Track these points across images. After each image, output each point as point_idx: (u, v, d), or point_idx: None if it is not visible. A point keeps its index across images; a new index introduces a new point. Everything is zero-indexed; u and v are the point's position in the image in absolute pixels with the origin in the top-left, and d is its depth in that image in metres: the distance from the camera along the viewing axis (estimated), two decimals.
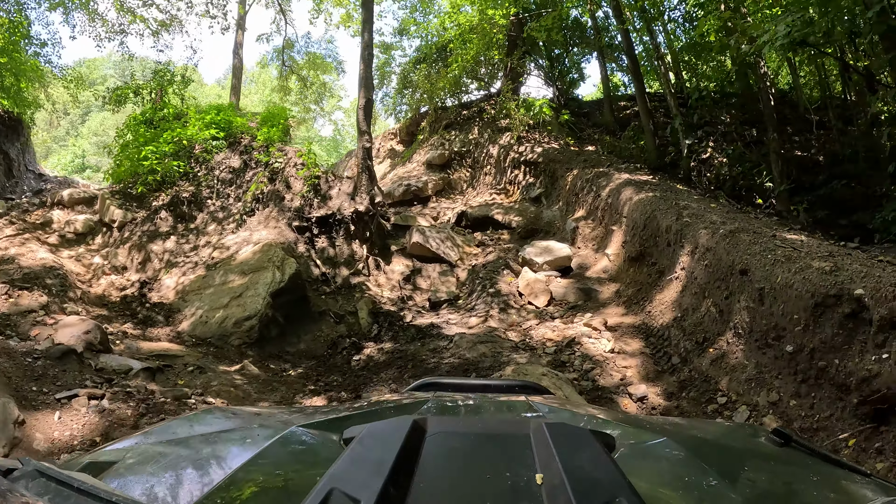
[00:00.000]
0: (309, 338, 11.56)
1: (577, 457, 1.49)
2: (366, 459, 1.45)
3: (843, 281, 6.44)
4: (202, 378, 8.62)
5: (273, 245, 12.69)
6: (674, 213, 11.06)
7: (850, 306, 6.23)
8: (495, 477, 1.46)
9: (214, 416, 2.43)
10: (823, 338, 6.47)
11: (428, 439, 1.66)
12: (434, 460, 1.53)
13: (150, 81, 20.19)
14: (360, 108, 16.16)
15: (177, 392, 7.60)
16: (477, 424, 2.18)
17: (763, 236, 8.84)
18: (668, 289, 10.40)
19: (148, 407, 6.86)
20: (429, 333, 10.92)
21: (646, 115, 18.55)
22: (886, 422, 5.58)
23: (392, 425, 1.73)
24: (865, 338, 5.98)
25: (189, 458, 1.80)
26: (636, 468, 1.64)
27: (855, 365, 5.96)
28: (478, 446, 1.71)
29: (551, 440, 1.58)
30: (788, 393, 6.77)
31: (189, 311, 11.59)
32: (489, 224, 17.65)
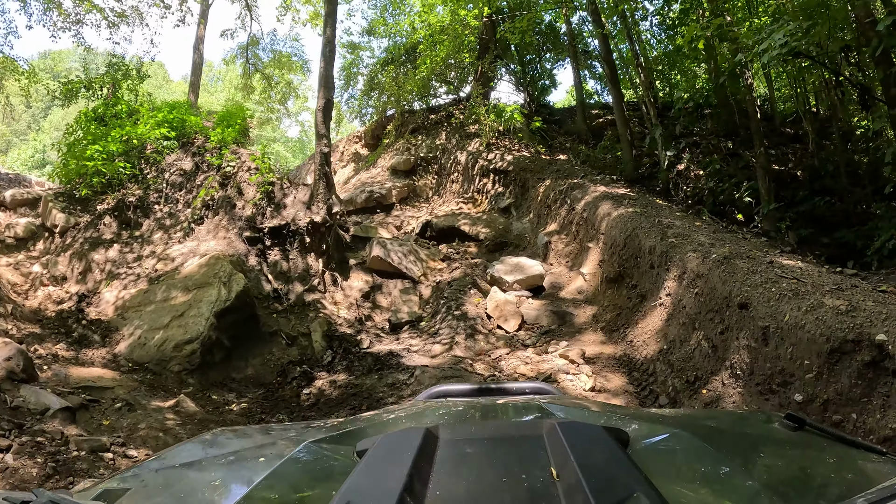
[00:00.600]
0: (258, 362, 10.62)
1: (592, 455, 1.50)
2: (380, 471, 1.46)
3: (862, 324, 5.62)
4: (130, 418, 7.74)
5: (221, 258, 11.77)
6: (658, 233, 10.27)
7: (870, 354, 5.41)
8: (511, 480, 1.45)
9: (227, 437, 2.43)
10: (839, 388, 5.65)
11: (441, 447, 1.66)
12: (449, 467, 1.54)
13: (104, 76, 19.21)
14: (318, 108, 14.96)
15: (93, 443, 6.64)
16: (489, 429, 2.19)
17: (760, 263, 8.04)
18: (652, 316, 9.56)
19: (57, 465, 5.95)
20: (387, 363, 9.98)
21: (623, 124, 17.99)
22: None
23: (405, 435, 1.76)
24: (888, 390, 5.22)
25: (204, 481, 1.80)
26: (652, 462, 1.64)
27: (876, 422, 5.21)
28: (491, 451, 1.70)
29: (565, 440, 1.59)
30: None
31: (127, 330, 10.65)
32: (455, 235, 16.95)
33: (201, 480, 1.80)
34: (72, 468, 5.90)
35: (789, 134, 20.55)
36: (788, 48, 9.87)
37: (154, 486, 1.74)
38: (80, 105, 20.81)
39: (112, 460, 6.39)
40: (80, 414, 7.52)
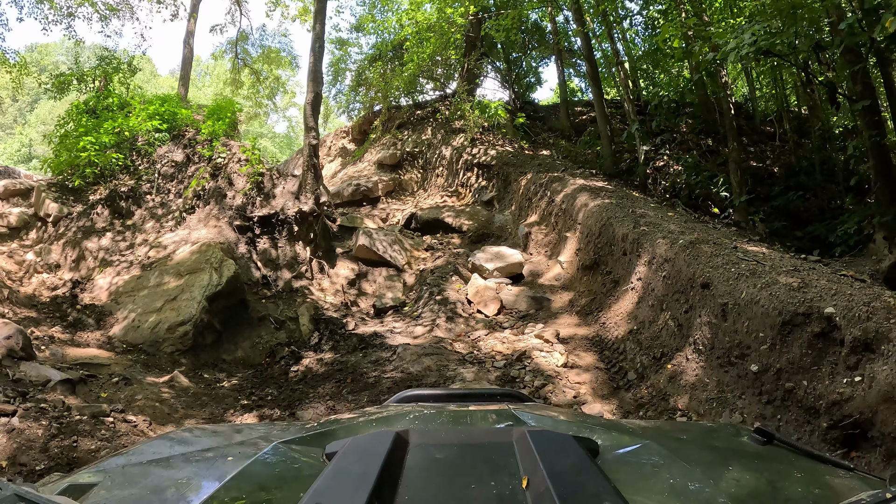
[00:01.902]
0: (247, 345, 11.02)
1: (561, 463, 1.50)
2: (349, 473, 1.46)
3: (813, 298, 6.18)
4: (127, 391, 8.08)
5: (212, 245, 12.15)
6: (630, 221, 10.77)
7: (819, 325, 5.95)
8: (480, 486, 1.45)
9: (195, 435, 2.44)
10: (791, 358, 6.18)
11: (411, 451, 1.67)
12: (418, 472, 1.54)
13: (95, 69, 19.31)
14: (307, 102, 15.41)
15: (94, 409, 6.99)
16: (459, 434, 2.13)
17: (724, 248, 8.57)
18: (624, 299, 10.07)
19: (61, 427, 6.29)
20: (371, 343, 10.42)
21: (603, 120, 18.37)
22: (857, 447, 5.36)
23: (374, 438, 1.77)
24: (836, 359, 5.72)
25: (171, 478, 1.80)
26: (621, 472, 1.65)
27: (825, 387, 5.71)
28: (461, 456, 1.70)
29: (535, 447, 1.59)
30: (752, 414, 6.44)
31: (121, 314, 10.99)
32: (439, 227, 17.38)
33: (168, 478, 1.81)
34: (75, 429, 6.24)
35: (769, 132, 21.00)
36: (757, 47, 10.30)
37: (120, 482, 1.75)
38: (69, 98, 21.11)
39: (112, 423, 6.73)
40: (79, 387, 7.85)
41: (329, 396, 8.23)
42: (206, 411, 8.04)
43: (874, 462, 5.06)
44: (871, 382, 5.19)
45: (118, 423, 6.84)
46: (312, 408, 7.94)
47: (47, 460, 5.69)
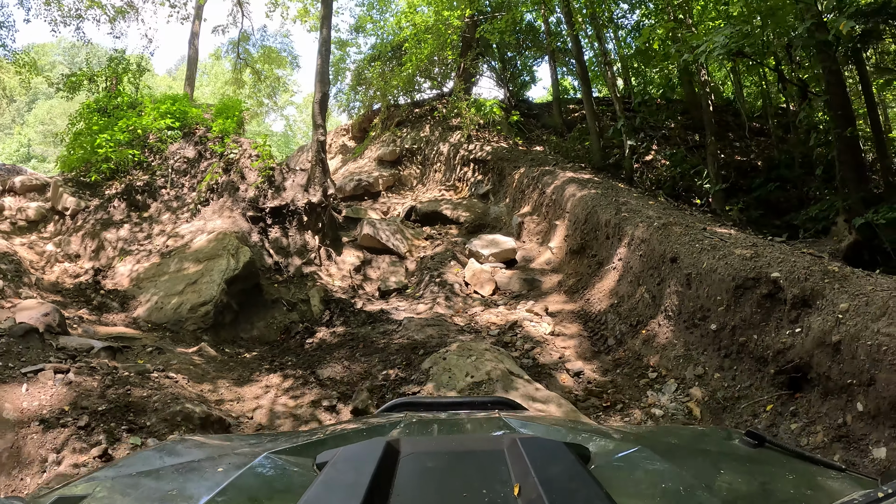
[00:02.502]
0: (262, 324, 11.85)
1: (553, 470, 1.50)
2: (340, 484, 1.46)
3: (762, 265, 7.22)
4: (161, 358, 8.86)
5: (227, 234, 12.92)
6: (613, 209, 11.73)
7: (767, 287, 6.99)
8: (472, 495, 1.44)
9: (185, 446, 2.39)
10: (743, 316, 7.24)
11: (402, 460, 1.66)
12: (409, 481, 1.53)
13: (106, 69, 19.93)
14: (315, 102, 16.54)
15: (139, 368, 7.88)
16: (450, 443, 2.16)
17: (694, 229, 9.54)
18: (607, 278, 11.04)
19: (113, 379, 7.10)
20: (379, 318, 11.34)
21: (592, 117, 19.15)
22: (800, 388, 6.30)
23: (365, 448, 1.73)
24: (780, 315, 6.76)
25: (160, 490, 1.79)
26: (612, 478, 1.66)
27: (771, 339, 6.73)
28: (452, 465, 1.68)
29: (526, 455, 1.59)
30: (713, 367, 7.47)
31: (144, 297, 11.71)
32: (438, 219, 18.21)
33: (158, 490, 1.79)
34: (126, 381, 7.09)
35: (755, 128, 21.66)
36: (727, 49, 11.16)
37: (109, 495, 1.75)
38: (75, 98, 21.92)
39: (157, 378, 7.62)
40: (118, 355, 8.64)
41: (344, 358, 9.15)
42: (235, 374, 8.97)
43: (813, 400, 6.03)
44: (808, 332, 6.20)
45: (162, 378, 7.70)
46: (330, 367, 8.85)
47: (106, 404, 6.48)
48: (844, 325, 5.78)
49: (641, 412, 7.44)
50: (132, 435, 6.16)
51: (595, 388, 8.23)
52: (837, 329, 5.83)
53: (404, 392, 7.59)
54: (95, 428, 6.11)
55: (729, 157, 19.50)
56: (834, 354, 5.82)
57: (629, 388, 8.10)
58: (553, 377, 8.44)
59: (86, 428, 6.09)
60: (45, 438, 5.82)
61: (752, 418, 6.55)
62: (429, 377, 7.48)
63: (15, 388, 6.47)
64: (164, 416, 6.55)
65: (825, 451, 5.55)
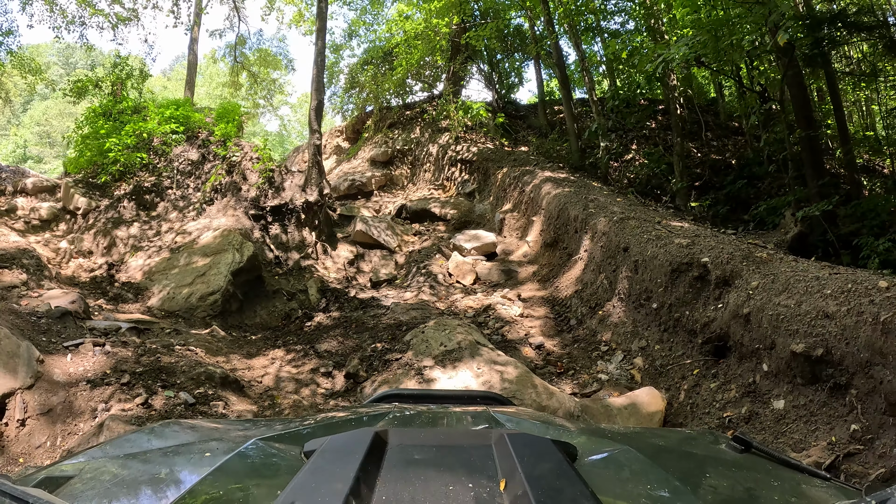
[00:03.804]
0: (264, 312, 12.81)
1: (540, 467, 1.51)
2: (327, 472, 1.45)
3: (695, 252, 8.42)
4: (179, 337, 9.80)
5: (232, 231, 13.75)
6: (581, 205, 12.83)
7: (697, 271, 8.19)
8: (458, 488, 1.44)
9: (173, 430, 2.39)
10: (678, 295, 8.44)
11: (389, 451, 1.66)
12: (396, 472, 1.52)
13: (110, 74, 20.25)
14: (312, 108, 17.65)
15: (164, 342, 9.00)
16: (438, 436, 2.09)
17: (649, 223, 10.67)
18: (574, 268, 12.21)
19: (144, 350, 8.26)
20: (370, 304, 12.54)
21: (571, 119, 20.00)
22: (723, 355, 7.44)
23: (353, 438, 1.73)
24: (708, 294, 7.95)
25: (147, 472, 1.80)
26: (598, 477, 1.66)
27: (700, 314, 7.90)
28: (439, 458, 1.68)
29: (513, 450, 1.59)
30: (654, 340, 8.71)
31: (156, 288, 12.46)
32: (427, 216, 19.19)
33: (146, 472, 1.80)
34: (155, 352, 8.28)
35: (733, 127, 22.61)
36: (683, 57, 12.16)
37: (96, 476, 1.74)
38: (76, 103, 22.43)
39: (181, 350, 8.73)
40: (142, 335, 9.58)
41: (339, 336, 10.46)
42: (244, 350, 10.15)
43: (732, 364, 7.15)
44: (727, 307, 7.38)
45: (184, 350, 8.81)
46: (327, 342, 10.14)
47: (142, 367, 7.68)
48: (753, 299, 6.87)
49: (589, 377, 8.66)
50: (166, 389, 7.34)
51: (553, 358, 9.49)
52: (748, 303, 6.91)
53: (389, 359, 8.73)
54: (136, 385, 7.29)
55: (705, 156, 20.24)
56: (745, 325, 6.88)
57: (583, 358, 9.35)
58: (517, 350, 9.69)
59: (127, 385, 7.26)
60: (93, 394, 7.01)
61: (681, 380, 7.66)
62: (409, 347, 8.68)
63: (61, 358, 7.58)
64: (191, 375, 7.77)
65: (735, 405, 6.58)
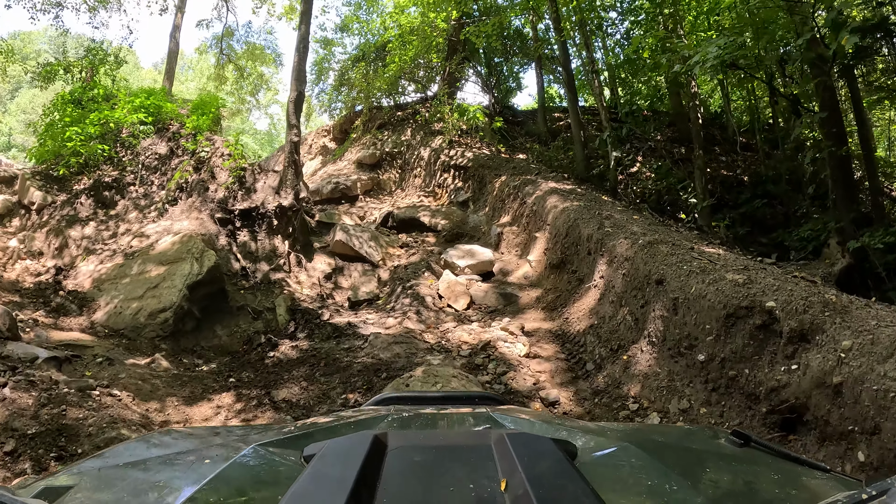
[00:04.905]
0: (225, 332, 11.38)
1: (540, 466, 1.49)
2: (327, 477, 1.45)
3: (756, 293, 6.68)
4: (110, 370, 8.44)
5: (193, 236, 12.45)
6: (595, 223, 11.25)
7: (761, 318, 6.44)
8: (459, 490, 1.44)
9: (172, 437, 2.42)
10: (734, 348, 6.68)
11: (389, 454, 1.65)
12: (396, 475, 1.52)
13: (82, 60, 19.47)
14: (290, 100, 15.92)
15: (81, 384, 7.41)
16: (438, 437, 2.18)
17: (681, 248, 9.04)
18: (587, 296, 10.53)
19: (50, 397, 6.67)
20: (345, 332, 10.85)
21: (577, 126, 18.67)
22: (794, 430, 5.81)
23: (352, 441, 1.74)
24: (775, 349, 6.21)
25: (147, 481, 1.78)
26: (599, 475, 1.64)
27: (764, 375, 6.19)
28: (440, 459, 1.67)
29: (513, 450, 1.58)
30: (699, 401, 6.95)
31: (104, 300, 11.30)
32: (415, 226, 17.73)
33: (145, 480, 1.78)
34: (64, 400, 6.62)
35: (742, 142, 21.33)
36: (720, 60, 10.75)
37: (97, 485, 1.73)
38: (53, 88, 21.16)
39: (98, 397, 7.12)
40: (65, 365, 8.17)
41: (303, 378, 8.65)
42: (187, 390, 8.43)
43: (809, 444, 5.53)
44: (806, 370, 5.66)
45: (104, 396, 7.21)
46: (287, 388, 8.34)
47: (38, 426, 6.02)
48: (847, 365, 5.27)
49: None
50: (60, 463, 5.66)
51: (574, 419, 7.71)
52: (839, 370, 5.32)
53: None
54: (22, 454, 5.69)
55: (715, 172, 19.12)
56: (834, 397, 5.33)
57: (608, 420, 7.61)
58: (526, 406, 7.91)
59: (12, 454, 5.65)
60: None
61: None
62: None
63: None
64: (98, 442, 6.09)
65: None
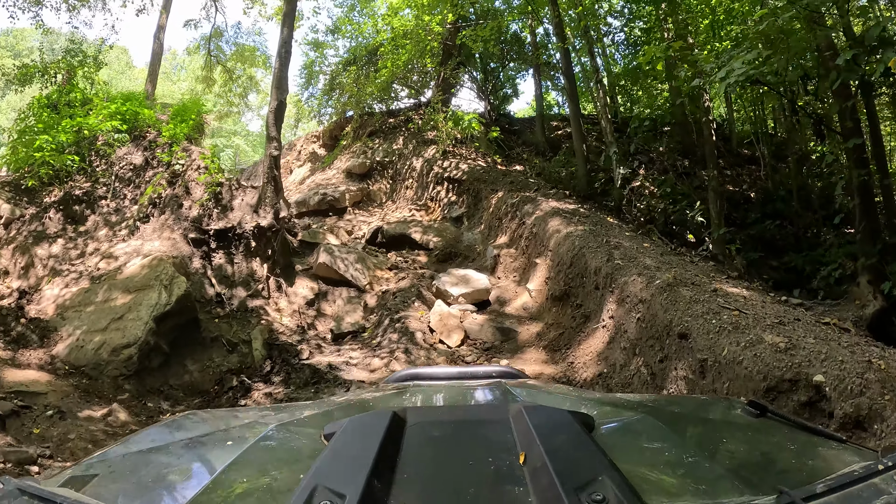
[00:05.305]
0: (197, 368, 10.46)
1: (558, 438, 1.52)
2: (348, 454, 1.46)
3: (801, 363, 5.71)
4: (60, 427, 7.65)
5: (164, 260, 11.51)
6: (604, 253, 10.30)
7: (807, 394, 5.53)
8: (478, 463, 1.47)
9: (193, 421, 2.37)
10: None
11: (408, 430, 1.68)
12: (416, 450, 1.55)
13: (59, 61, 18.23)
14: (270, 110, 14.56)
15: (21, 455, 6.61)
16: (456, 412, 2.22)
17: (704, 291, 8.08)
18: (594, 337, 9.56)
19: None
20: (325, 377, 9.89)
21: (579, 138, 17.77)
22: None
23: (372, 418, 1.77)
24: None
25: (171, 464, 1.80)
26: (616, 446, 1.66)
27: None
28: (458, 434, 1.72)
29: (531, 423, 1.60)
30: None
31: (66, 331, 10.36)
32: (406, 243, 16.83)
33: (168, 465, 1.79)
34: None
35: (745, 155, 20.68)
36: (746, 76, 9.91)
37: (121, 472, 1.74)
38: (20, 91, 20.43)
39: (38, 472, 6.24)
40: (10, 421, 7.42)
41: None
42: None
43: None
44: None
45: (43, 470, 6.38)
46: None
47: None
48: None
49: None
50: None
51: None
52: None
53: None
54: None
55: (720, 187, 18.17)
56: None
57: None
58: None
59: None
60: None
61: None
62: None
63: None
64: None
65: None
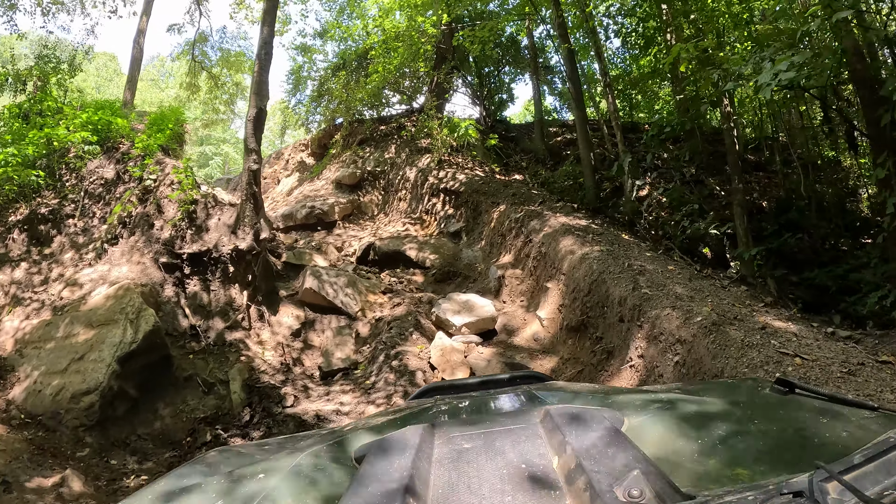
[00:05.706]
0: (169, 413, 9.27)
1: (589, 438, 1.54)
2: (380, 475, 1.47)
3: None
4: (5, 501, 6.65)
5: (131, 289, 10.33)
6: (628, 280, 9.15)
7: None
8: (511, 470, 1.49)
9: (223, 457, 2.28)
10: None
11: (438, 445, 1.72)
12: (448, 464, 1.57)
13: (31, 68, 17.38)
14: (249, 119, 13.09)
15: None
16: (484, 422, 2.09)
17: (752, 330, 6.98)
18: (620, 378, 8.33)
19: None
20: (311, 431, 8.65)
21: (586, 147, 16.65)
22: None
23: (401, 437, 1.77)
24: None
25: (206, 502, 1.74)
26: (648, 438, 1.68)
27: None
28: (489, 443, 1.71)
29: (560, 425, 1.65)
30: None
31: (24, 371, 9.26)
32: (400, 261, 15.67)
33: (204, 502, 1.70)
34: None
35: (752, 161, 19.67)
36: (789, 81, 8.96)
37: None
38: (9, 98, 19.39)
39: None
40: None
41: None
42: None
43: None
44: None
45: None
46: None
47: None
48: None
49: None
50: None
51: None
52: None
53: None
54: None
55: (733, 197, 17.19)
56: None
57: None
58: None
59: None
60: None
61: None
62: None
63: None
64: None
65: None
